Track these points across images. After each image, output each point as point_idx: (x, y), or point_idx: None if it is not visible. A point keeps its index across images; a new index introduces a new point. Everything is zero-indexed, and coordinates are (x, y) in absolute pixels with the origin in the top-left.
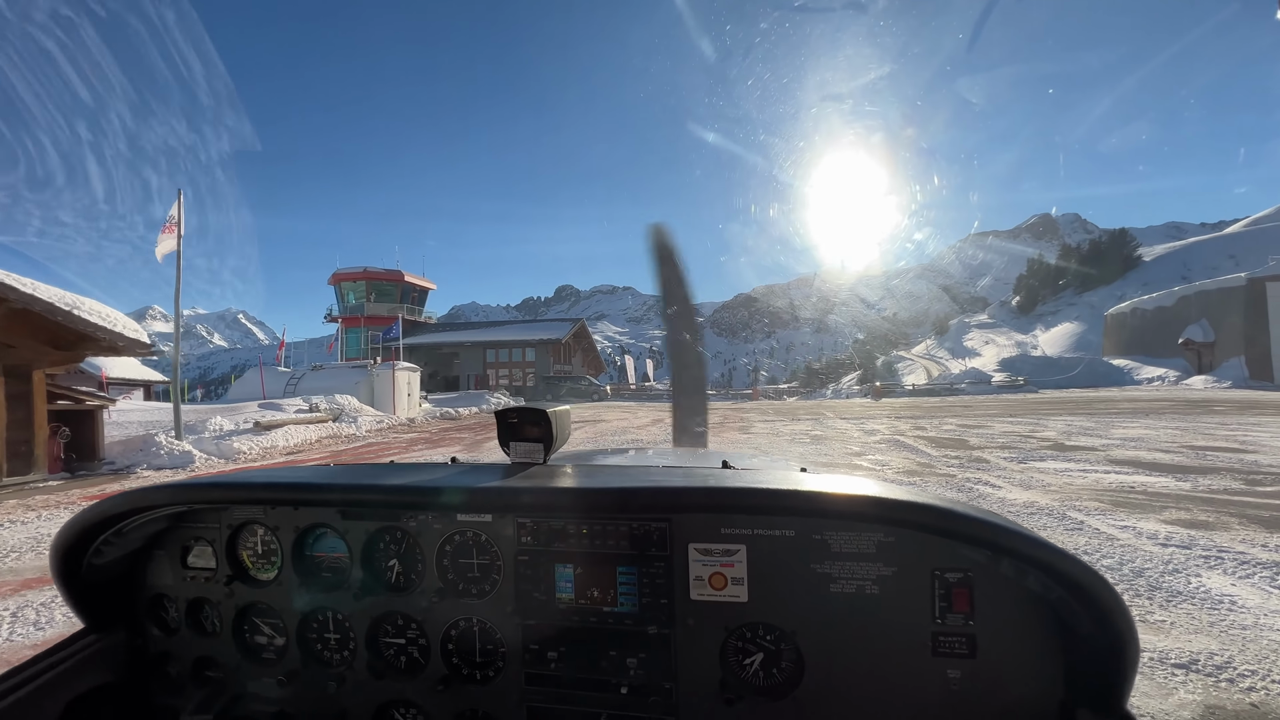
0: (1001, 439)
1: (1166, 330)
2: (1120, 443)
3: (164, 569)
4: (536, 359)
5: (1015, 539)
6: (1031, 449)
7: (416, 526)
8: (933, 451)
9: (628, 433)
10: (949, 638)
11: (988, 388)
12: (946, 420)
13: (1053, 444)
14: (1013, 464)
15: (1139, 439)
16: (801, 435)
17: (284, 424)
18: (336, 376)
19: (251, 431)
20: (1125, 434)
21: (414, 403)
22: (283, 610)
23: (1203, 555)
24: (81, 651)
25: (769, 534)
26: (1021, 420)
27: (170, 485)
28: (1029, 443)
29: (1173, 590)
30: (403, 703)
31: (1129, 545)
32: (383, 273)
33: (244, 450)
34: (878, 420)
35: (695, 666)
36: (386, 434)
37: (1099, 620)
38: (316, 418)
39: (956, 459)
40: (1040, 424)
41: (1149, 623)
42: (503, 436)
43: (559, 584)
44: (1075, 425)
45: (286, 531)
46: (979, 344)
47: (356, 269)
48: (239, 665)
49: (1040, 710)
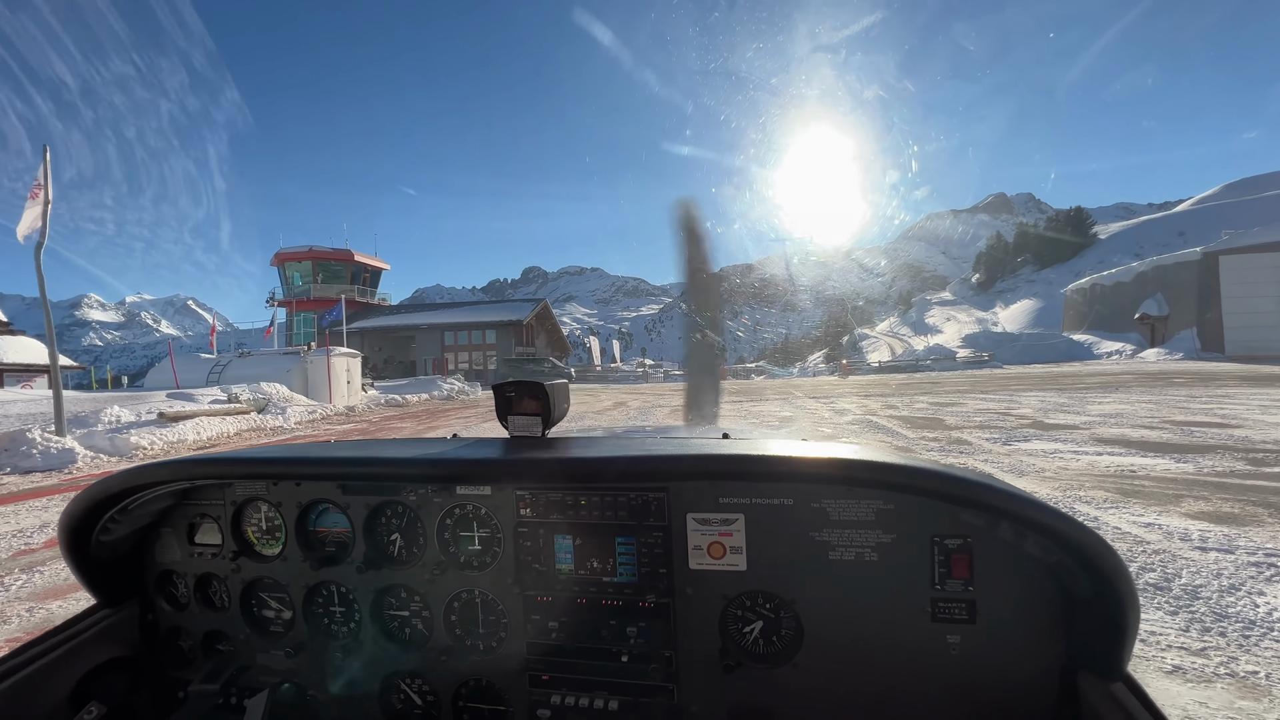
0: (978, 417)
1: (1125, 305)
2: (1100, 419)
3: (172, 546)
4: (498, 341)
5: (1013, 501)
6: (1012, 428)
7: (417, 500)
8: (908, 433)
9: (585, 418)
10: (949, 604)
11: (953, 364)
12: (917, 398)
13: (1032, 422)
14: (996, 446)
15: (1118, 415)
16: (769, 416)
17: (194, 415)
18: (266, 364)
19: (155, 424)
20: (1102, 410)
21: (354, 390)
22: (288, 584)
23: (1251, 563)
24: (94, 626)
25: (767, 503)
26: (993, 397)
27: (170, 462)
28: (1007, 421)
29: (1245, 619)
30: (408, 673)
31: (1165, 552)
32: (330, 252)
33: (143, 446)
34: (847, 399)
35: (695, 635)
36: (318, 425)
37: (1099, 583)
38: (235, 409)
39: (935, 441)
40: (1013, 400)
41: (1238, 676)
42: (501, 411)
43: (559, 555)
44: (1049, 401)
45: (289, 507)
46: (940, 321)
47: (301, 248)
48: (248, 638)
49: (1041, 675)
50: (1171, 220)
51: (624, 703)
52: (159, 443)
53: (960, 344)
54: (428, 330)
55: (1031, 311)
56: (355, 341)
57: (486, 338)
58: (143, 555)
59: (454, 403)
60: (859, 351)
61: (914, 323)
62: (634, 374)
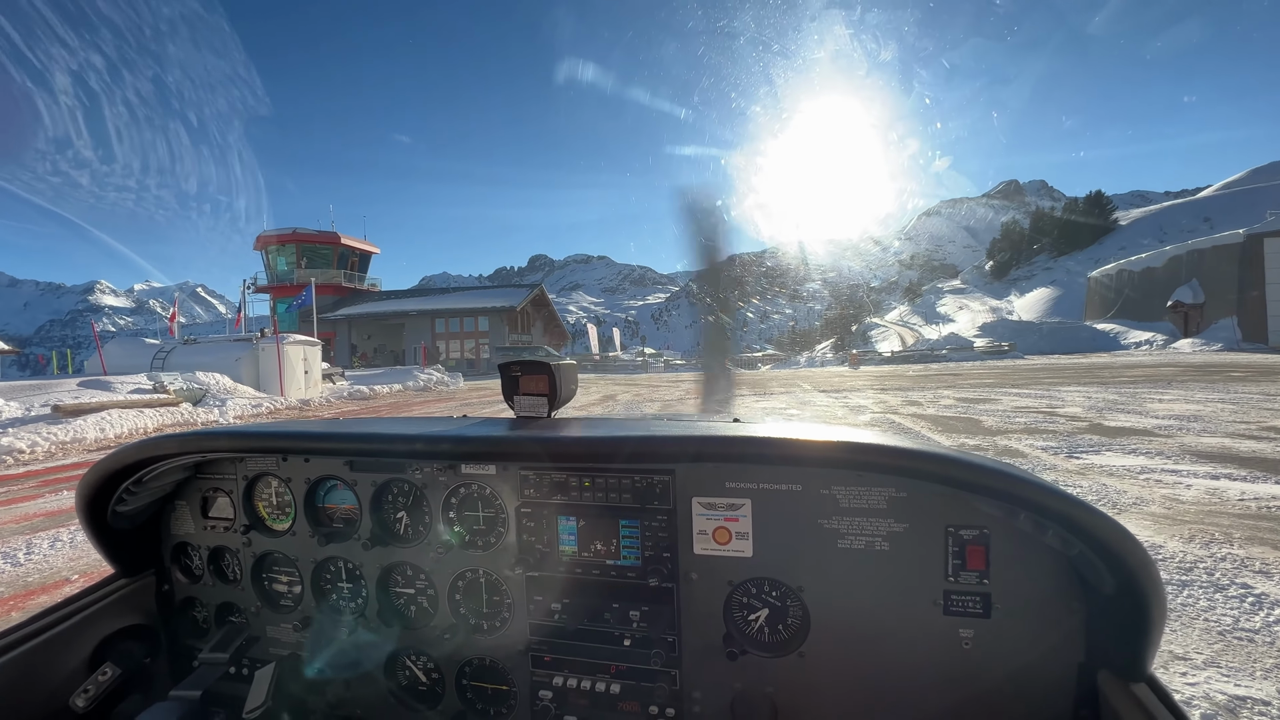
0: (1019, 417)
1: (1154, 292)
2: (1176, 423)
3: (186, 519)
4: (491, 329)
5: (1032, 490)
6: (1068, 432)
7: (422, 479)
8: (941, 438)
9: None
10: (962, 597)
11: (971, 354)
12: (941, 392)
13: (1089, 424)
14: (1060, 459)
15: (1194, 416)
16: (775, 414)
17: (100, 409)
18: (212, 351)
19: (46, 419)
20: (1170, 410)
21: (313, 381)
22: (298, 559)
23: None
24: (113, 594)
25: (775, 488)
26: (1027, 391)
27: (179, 435)
28: (1057, 423)
29: None
30: (413, 650)
31: None
32: (315, 235)
33: (21, 449)
34: (861, 393)
35: (698, 621)
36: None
37: (1122, 578)
38: (159, 400)
39: (979, 451)
40: (1053, 396)
41: None
42: (507, 391)
43: (562, 537)
44: (1096, 398)
45: (299, 483)
46: (953, 309)
47: (285, 230)
48: (259, 611)
49: (1058, 672)
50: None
51: (626, 687)
52: (45, 444)
53: (978, 333)
54: (417, 317)
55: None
56: (343, 329)
57: (479, 325)
58: (159, 527)
59: (428, 395)
60: (868, 341)
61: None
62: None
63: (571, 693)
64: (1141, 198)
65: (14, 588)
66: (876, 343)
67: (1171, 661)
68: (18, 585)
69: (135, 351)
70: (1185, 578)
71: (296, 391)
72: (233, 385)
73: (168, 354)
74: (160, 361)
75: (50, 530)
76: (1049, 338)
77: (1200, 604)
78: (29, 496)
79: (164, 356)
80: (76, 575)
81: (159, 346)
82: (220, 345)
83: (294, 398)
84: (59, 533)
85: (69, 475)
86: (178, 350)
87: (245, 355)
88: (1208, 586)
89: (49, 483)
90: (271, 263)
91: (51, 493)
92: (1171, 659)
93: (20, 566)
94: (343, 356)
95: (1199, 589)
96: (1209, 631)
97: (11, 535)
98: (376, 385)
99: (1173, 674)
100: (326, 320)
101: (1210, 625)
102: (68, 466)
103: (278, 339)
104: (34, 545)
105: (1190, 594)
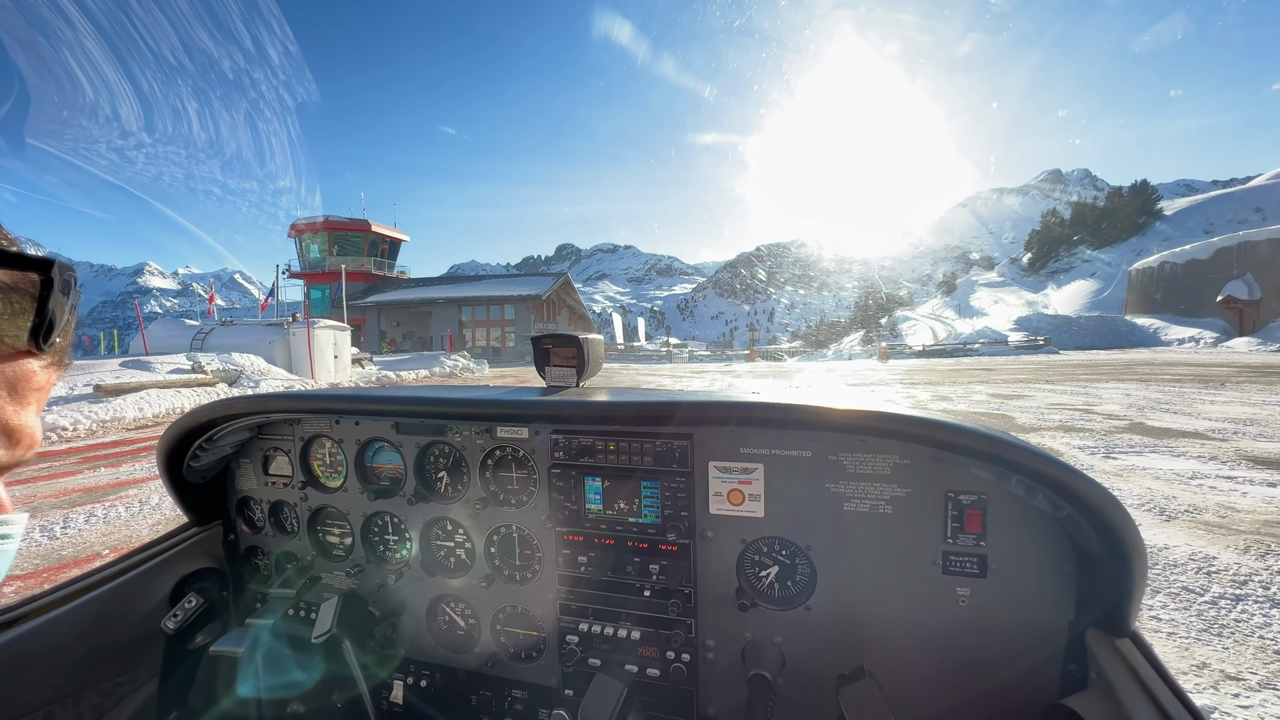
0: (1054, 415)
1: (1200, 287)
2: (1231, 426)
3: (249, 475)
4: (516, 317)
5: (1023, 454)
6: (1106, 432)
7: (461, 441)
8: None
9: None
10: (960, 557)
11: (1005, 348)
12: (973, 387)
13: (1130, 424)
14: (1097, 460)
15: (1252, 420)
16: None
17: (140, 388)
18: (248, 334)
19: (88, 398)
20: (1224, 413)
21: (342, 365)
22: (349, 513)
23: None
24: (187, 540)
25: (786, 454)
26: (1063, 388)
27: (247, 397)
28: (1094, 421)
29: None
30: (452, 596)
31: None
32: (346, 222)
33: (64, 426)
34: (890, 387)
35: (713, 575)
36: None
37: (1107, 538)
38: (197, 380)
39: None
40: (1090, 394)
41: None
42: (539, 362)
43: (589, 496)
44: (1137, 396)
45: (350, 444)
46: (987, 303)
47: (317, 218)
48: (315, 561)
49: (1049, 629)
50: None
51: (645, 633)
52: (84, 422)
53: (1012, 327)
54: (444, 305)
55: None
56: (372, 315)
57: (505, 313)
58: (226, 483)
59: (452, 381)
60: (898, 334)
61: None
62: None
63: (595, 638)
64: (1188, 187)
65: (49, 560)
66: (906, 336)
67: (1223, 681)
68: (52, 558)
69: (177, 332)
70: (1239, 592)
71: (326, 375)
72: (266, 367)
73: (206, 334)
74: (200, 342)
75: (86, 506)
76: (1087, 333)
77: (1255, 620)
78: (69, 472)
79: (203, 337)
80: (107, 550)
81: (199, 328)
82: (255, 328)
83: (324, 381)
84: (94, 508)
85: (108, 453)
86: (216, 331)
87: (278, 339)
88: (1264, 602)
89: (88, 459)
90: (304, 249)
91: (90, 469)
92: (1223, 678)
93: (56, 540)
94: (372, 342)
95: (1254, 604)
96: (1264, 650)
97: (51, 509)
98: (403, 371)
99: (1224, 694)
100: (356, 307)
101: (1266, 644)
102: (107, 444)
103: (308, 323)
104: (70, 520)
105: (1244, 609)
